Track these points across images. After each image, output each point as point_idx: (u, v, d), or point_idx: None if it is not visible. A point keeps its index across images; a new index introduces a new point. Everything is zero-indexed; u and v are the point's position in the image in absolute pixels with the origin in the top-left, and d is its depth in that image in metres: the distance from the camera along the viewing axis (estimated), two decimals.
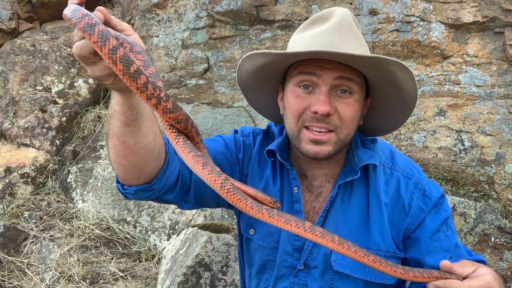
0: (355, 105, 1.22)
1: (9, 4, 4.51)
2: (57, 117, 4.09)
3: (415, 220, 1.29)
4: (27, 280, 3.16)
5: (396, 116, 1.33)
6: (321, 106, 1.16)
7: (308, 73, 1.20)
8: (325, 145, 1.21)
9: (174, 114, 0.90)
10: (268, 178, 1.36)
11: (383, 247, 1.28)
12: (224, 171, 1.32)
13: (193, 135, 0.98)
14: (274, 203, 1.01)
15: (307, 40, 1.20)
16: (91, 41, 0.79)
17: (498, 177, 2.87)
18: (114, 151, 1.10)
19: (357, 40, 1.21)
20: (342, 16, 1.21)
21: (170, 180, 1.21)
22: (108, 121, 1.07)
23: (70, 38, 4.34)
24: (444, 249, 1.26)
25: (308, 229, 1.00)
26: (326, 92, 1.18)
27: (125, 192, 1.20)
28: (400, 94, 1.24)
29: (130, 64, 0.81)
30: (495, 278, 1.06)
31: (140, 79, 0.82)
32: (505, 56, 2.89)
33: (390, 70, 1.17)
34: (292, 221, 1.00)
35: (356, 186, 1.31)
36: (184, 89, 3.75)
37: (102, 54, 0.79)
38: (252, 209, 0.96)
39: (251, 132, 1.45)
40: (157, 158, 1.14)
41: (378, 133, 1.43)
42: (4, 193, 3.66)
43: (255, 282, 1.42)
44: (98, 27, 0.79)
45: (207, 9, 3.43)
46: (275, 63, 1.24)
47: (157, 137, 1.11)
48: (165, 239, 3.45)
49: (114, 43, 0.79)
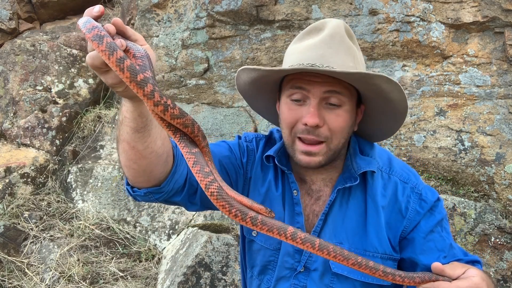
0: (344, 116, 1.27)
1: (9, 4, 4.51)
2: (57, 117, 4.09)
3: (411, 222, 1.33)
4: (27, 280, 3.16)
5: (390, 123, 1.38)
6: (310, 118, 1.22)
7: (298, 87, 1.26)
8: (316, 156, 1.27)
9: (181, 119, 0.94)
10: (270, 182, 1.41)
11: (379, 249, 1.31)
12: (229, 175, 1.38)
13: (200, 139, 1.02)
14: (269, 213, 1.04)
15: (299, 53, 1.27)
16: (99, 50, 0.86)
17: (498, 177, 2.87)
18: (124, 156, 1.14)
19: (347, 52, 1.26)
20: (334, 28, 1.26)
21: (178, 183, 1.25)
22: (119, 127, 1.12)
23: (70, 38, 4.34)
24: (438, 249, 1.30)
25: (289, 236, 1.04)
26: (316, 105, 1.24)
27: (134, 194, 1.25)
28: (389, 104, 1.29)
29: (137, 73, 0.87)
30: (483, 279, 1.08)
31: (147, 87, 0.88)
32: (505, 56, 2.89)
33: (376, 84, 1.22)
34: (275, 229, 1.03)
35: (354, 191, 1.35)
36: (184, 89, 3.75)
37: (110, 63, 0.86)
38: (236, 217, 1.00)
39: (254, 138, 1.50)
40: (166, 162, 1.18)
41: (376, 138, 1.47)
42: (4, 193, 3.67)
43: (256, 283, 1.44)
44: (107, 39, 0.86)
45: (207, 9, 3.43)
46: (267, 77, 1.31)
47: (165, 142, 1.15)
48: (165, 239, 3.45)
49: (121, 54, 0.86)
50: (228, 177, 1.38)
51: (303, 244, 1.04)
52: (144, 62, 0.93)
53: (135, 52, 0.93)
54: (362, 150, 1.41)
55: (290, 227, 1.04)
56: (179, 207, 3.54)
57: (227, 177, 1.37)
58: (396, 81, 1.22)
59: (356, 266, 1.09)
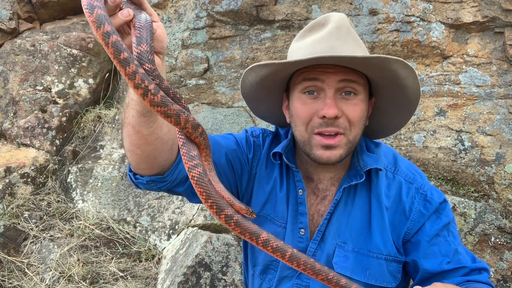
0: (361, 105, 1.23)
1: (9, 4, 4.51)
2: (57, 117, 4.09)
3: (415, 224, 1.30)
4: (27, 280, 3.16)
5: (400, 114, 1.35)
6: (328, 109, 1.18)
7: (312, 79, 1.22)
8: (336, 149, 1.22)
9: (162, 108, 0.87)
10: (276, 179, 1.38)
11: (384, 250, 1.29)
12: (235, 169, 1.34)
13: (189, 131, 0.95)
14: (251, 214, 0.99)
15: (307, 48, 1.23)
16: (89, 21, 0.82)
17: (498, 177, 2.87)
18: (128, 140, 1.11)
19: (355, 43, 1.23)
20: (339, 21, 1.24)
21: (182, 173, 1.22)
22: (125, 110, 1.08)
23: (70, 38, 4.34)
24: (442, 254, 1.26)
25: (260, 243, 0.98)
26: (332, 95, 1.20)
27: (137, 182, 1.21)
28: (403, 91, 1.26)
29: (121, 51, 0.82)
30: None
31: (129, 67, 0.82)
32: (505, 56, 2.89)
33: (392, 69, 1.19)
34: (247, 233, 0.97)
35: (359, 190, 1.32)
36: (184, 89, 3.75)
37: (97, 36, 0.82)
38: (211, 208, 0.94)
39: (261, 133, 1.46)
40: (171, 150, 1.15)
41: (382, 134, 1.45)
42: (4, 193, 3.66)
43: (258, 282, 1.43)
44: (97, 10, 0.81)
45: (207, 9, 3.43)
46: (278, 73, 1.26)
47: (171, 129, 1.12)
48: (165, 239, 3.45)
49: (108, 28, 0.81)
50: (233, 172, 1.35)
51: (273, 253, 0.99)
52: (141, 34, 0.87)
53: (135, 22, 0.89)
54: (368, 148, 1.38)
55: (264, 234, 0.98)
56: (179, 207, 3.54)
57: (232, 171, 1.35)
58: (412, 67, 1.18)
59: (325, 282, 1.02)
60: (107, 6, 0.85)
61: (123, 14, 0.88)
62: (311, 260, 1.02)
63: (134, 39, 0.87)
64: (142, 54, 0.87)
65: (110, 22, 0.82)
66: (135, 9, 0.92)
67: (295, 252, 1.01)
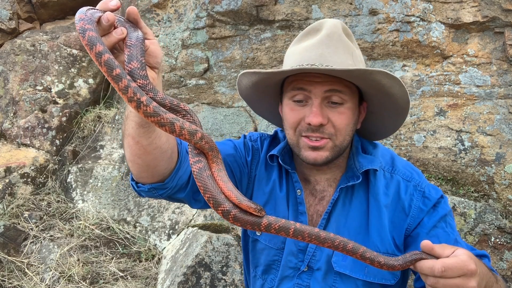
0: (347, 113, 1.28)
1: (9, 4, 4.51)
2: (57, 117, 4.09)
3: (415, 220, 1.33)
4: (27, 280, 3.16)
5: (393, 118, 1.38)
6: (313, 118, 1.24)
7: (299, 88, 1.28)
8: (322, 150, 1.28)
9: (155, 118, 0.91)
10: (275, 181, 1.42)
11: (381, 248, 1.32)
12: (234, 173, 1.39)
13: (187, 137, 0.97)
14: (259, 211, 1.00)
15: (298, 54, 1.28)
16: (83, 43, 0.87)
17: (498, 177, 2.87)
18: (129, 150, 1.15)
19: (346, 51, 1.26)
20: (331, 28, 1.27)
21: (182, 179, 1.26)
22: (125, 122, 1.13)
23: (70, 38, 4.34)
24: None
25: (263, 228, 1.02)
26: (318, 104, 1.25)
27: (139, 190, 1.26)
28: (391, 98, 1.29)
29: (114, 68, 0.86)
30: (471, 257, 1.07)
31: (122, 82, 0.87)
32: (505, 56, 2.89)
33: (376, 79, 1.23)
34: (248, 225, 1.01)
35: (357, 190, 1.36)
36: (184, 89, 3.75)
37: (91, 56, 0.87)
38: (209, 201, 0.98)
39: (259, 137, 1.51)
40: (170, 158, 1.19)
41: (379, 136, 1.48)
42: (4, 193, 3.66)
43: (260, 283, 1.45)
44: (89, 32, 0.86)
45: (207, 9, 3.43)
46: (268, 80, 1.33)
47: (170, 139, 1.16)
48: (165, 239, 3.44)
49: (100, 49, 0.86)
50: (233, 175, 1.39)
51: (277, 233, 1.03)
52: (131, 52, 0.92)
53: (127, 40, 0.93)
54: (365, 149, 1.42)
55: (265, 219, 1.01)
56: (179, 207, 3.54)
57: (231, 175, 1.38)
58: (395, 76, 1.22)
59: (333, 248, 1.06)
60: (101, 26, 0.89)
61: (117, 32, 0.92)
62: (316, 230, 1.05)
63: (125, 57, 0.92)
64: (133, 71, 0.92)
65: (102, 42, 0.87)
66: (131, 27, 0.96)
67: (298, 226, 1.04)
